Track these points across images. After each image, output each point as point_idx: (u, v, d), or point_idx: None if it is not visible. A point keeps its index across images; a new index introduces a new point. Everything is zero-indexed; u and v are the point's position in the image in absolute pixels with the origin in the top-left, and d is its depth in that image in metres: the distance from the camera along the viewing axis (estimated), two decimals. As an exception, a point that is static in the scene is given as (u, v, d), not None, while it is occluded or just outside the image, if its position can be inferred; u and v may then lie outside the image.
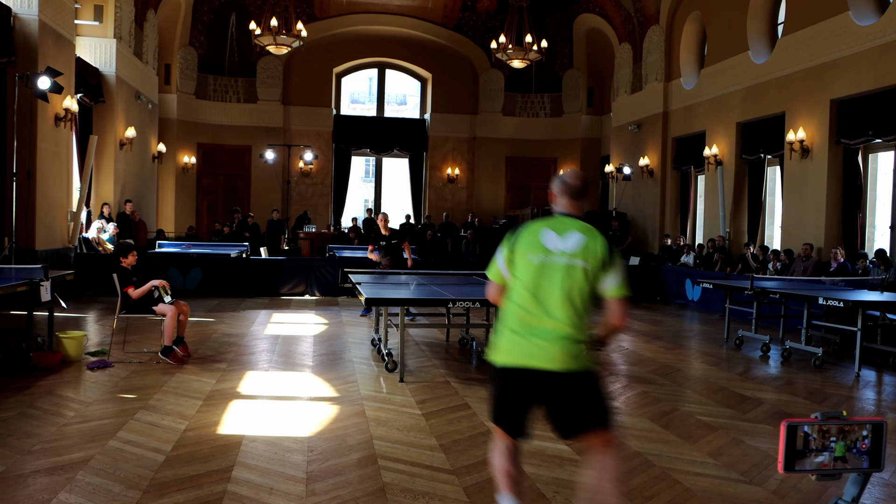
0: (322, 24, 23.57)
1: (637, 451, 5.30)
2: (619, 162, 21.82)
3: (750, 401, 6.99)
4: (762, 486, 4.65)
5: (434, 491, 4.39)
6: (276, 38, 17.89)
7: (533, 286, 3.39)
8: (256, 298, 14.31)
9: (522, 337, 3.38)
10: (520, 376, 3.40)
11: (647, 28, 20.56)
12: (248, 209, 22.55)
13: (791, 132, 14.72)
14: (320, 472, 4.68)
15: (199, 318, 11.29)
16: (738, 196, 17.05)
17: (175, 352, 8.00)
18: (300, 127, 24.50)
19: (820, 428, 2.60)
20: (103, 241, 15.38)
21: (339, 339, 9.93)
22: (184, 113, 22.86)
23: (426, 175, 25.55)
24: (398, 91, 30.01)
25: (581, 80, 24.91)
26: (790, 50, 15.03)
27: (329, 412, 6.11)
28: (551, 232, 3.47)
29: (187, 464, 4.73)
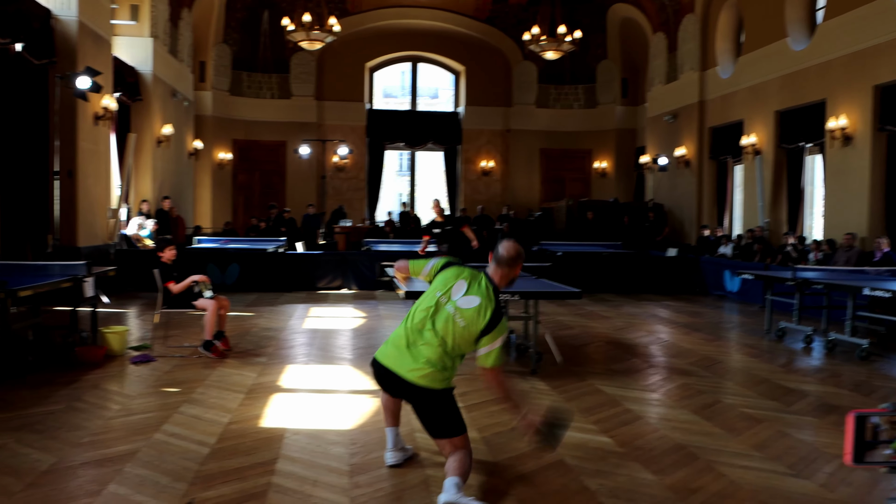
0: (354, 18, 23.63)
1: (680, 443, 5.25)
2: (655, 153, 21.63)
3: (794, 393, 6.88)
4: (810, 479, 4.58)
5: (477, 483, 4.39)
6: (308, 33, 17.97)
7: (424, 317, 4.21)
8: (294, 293, 14.40)
9: (398, 349, 4.25)
10: (389, 376, 4.28)
11: (681, 17, 20.32)
12: (283, 204, 22.68)
13: (832, 119, 14.46)
14: (363, 464, 4.69)
15: (238, 312, 11.39)
16: (776, 185, 16.81)
17: (216, 346, 8.07)
18: (334, 122, 24.60)
19: (890, 419, 2.54)
20: (142, 238, 15.58)
21: (377, 332, 9.96)
22: (219, 110, 23.07)
23: (460, 168, 25.52)
24: (431, 85, 29.99)
25: (615, 71, 24.71)
26: (831, 35, 14.75)
27: (369, 405, 6.13)
28: (465, 283, 4.22)
29: (232, 456, 4.77)
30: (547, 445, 4.15)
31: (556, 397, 6.47)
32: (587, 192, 24.86)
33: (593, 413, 5.98)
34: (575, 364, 8.04)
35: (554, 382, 7.04)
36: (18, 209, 11.74)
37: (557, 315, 11.85)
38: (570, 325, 10.92)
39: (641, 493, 4.29)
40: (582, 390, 6.78)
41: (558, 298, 11.31)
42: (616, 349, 9.07)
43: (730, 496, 4.29)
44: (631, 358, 8.51)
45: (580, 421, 5.76)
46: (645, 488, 4.38)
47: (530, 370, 7.50)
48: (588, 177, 25.56)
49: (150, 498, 4.07)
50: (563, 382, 7.05)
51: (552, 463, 4.77)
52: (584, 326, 10.79)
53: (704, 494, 4.30)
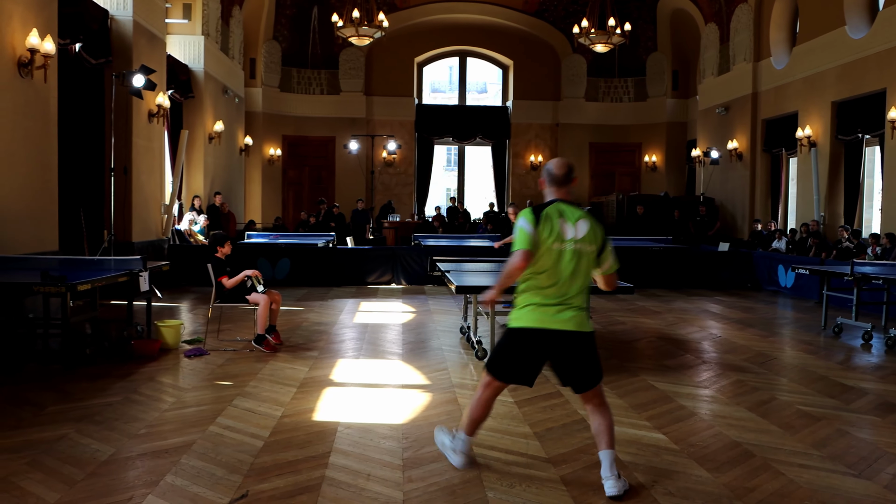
0: (402, 13, 23.67)
1: (736, 440, 5.16)
2: (707, 146, 21.29)
3: (853, 391, 6.72)
4: (872, 479, 4.46)
5: (531, 479, 4.36)
6: (357, 29, 18.03)
7: (553, 269, 4.14)
8: (343, 287, 14.51)
9: (544, 308, 4.15)
10: (538, 336, 4.17)
11: (734, 7, 19.96)
12: (332, 199, 22.85)
13: (893, 110, 14.07)
14: (416, 459, 4.70)
15: (288, 306, 11.50)
16: (833, 179, 16.42)
17: (268, 340, 8.16)
18: (383, 117, 24.69)
19: None
20: (195, 233, 15.83)
21: (427, 327, 9.98)
22: (269, 106, 23.31)
23: (509, 162, 25.44)
24: (479, 79, 29.94)
25: (665, 63, 24.37)
26: (892, 23, 14.34)
27: (421, 400, 6.14)
28: (565, 222, 4.16)
29: (285, 449, 4.82)
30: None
31: (608, 393, 6.40)
32: (637, 187, 24.57)
33: (646, 409, 5.92)
34: (627, 360, 7.96)
35: (606, 378, 6.87)
36: (76, 205, 12.01)
37: (609, 310, 11.74)
38: (622, 320, 10.81)
39: (697, 491, 4.23)
40: (634, 386, 6.71)
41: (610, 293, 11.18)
42: (668, 345, 8.96)
43: (788, 495, 4.20)
44: (683, 354, 8.40)
45: (633, 417, 5.70)
46: (700, 486, 4.31)
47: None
48: (638, 171, 25.27)
49: (205, 489, 4.13)
50: (615, 378, 6.98)
51: (605, 459, 4.71)
52: (636, 322, 10.67)
53: (762, 493, 4.23)
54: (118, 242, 12.28)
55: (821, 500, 4.15)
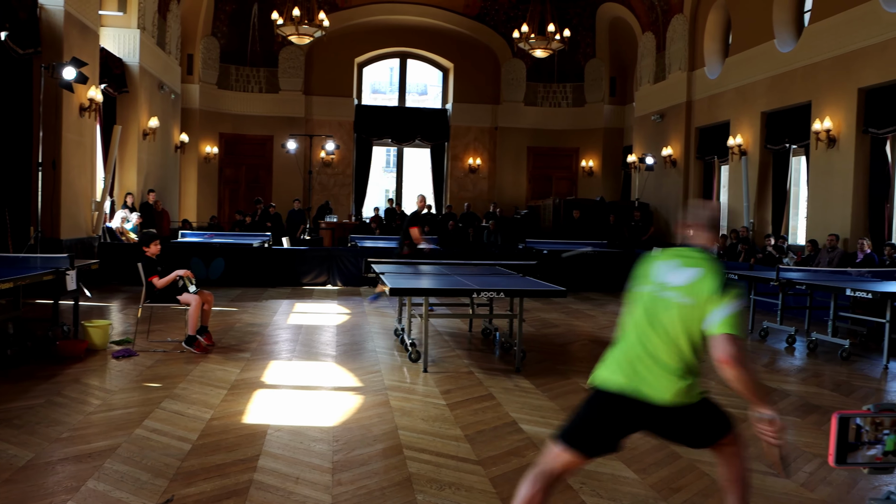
0: (344, 13, 23.55)
1: (663, 442, 5.25)
2: (642, 152, 21.67)
3: (776, 392, 6.92)
4: (790, 478, 4.60)
5: (460, 481, 4.38)
6: (298, 27, 17.89)
7: (639, 318, 3.26)
8: (279, 288, 14.35)
9: (627, 366, 3.22)
10: (624, 402, 3.22)
11: (670, 17, 20.37)
12: (269, 199, 22.59)
13: (817, 122, 14.53)
14: (346, 461, 4.68)
15: (221, 307, 11.34)
16: (762, 186, 16.88)
17: (199, 341, 8.04)
18: (322, 117, 24.52)
19: (873, 420, 2.54)
20: (127, 231, 15.49)
21: (362, 328, 9.94)
22: (206, 103, 22.94)
23: (447, 165, 25.50)
24: (419, 81, 29.96)
25: (603, 70, 24.73)
26: (817, 38, 14.82)
27: (353, 402, 6.12)
28: (668, 263, 3.30)
29: (213, 453, 4.75)
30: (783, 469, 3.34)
31: (540, 395, 6.47)
32: (574, 191, 24.88)
33: (577, 412, 5.98)
34: (559, 362, 8.05)
35: (538, 380, 7.04)
36: (0, 201, 11.64)
37: (543, 313, 11.85)
38: (555, 323, 10.93)
39: (623, 492, 4.30)
40: (565, 388, 6.78)
41: (543, 297, 11.34)
42: (601, 348, 9.02)
43: (712, 495, 4.31)
44: (615, 357, 8.51)
45: (564, 419, 5.75)
46: (627, 487, 4.39)
47: (514, 368, 7.49)
48: (575, 175, 25.58)
49: (129, 494, 4.04)
50: (546, 380, 7.05)
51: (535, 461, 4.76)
52: (569, 325, 10.80)
53: (687, 493, 4.32)
54: (45, 239, 11.94)
55: (742, 500, 4.25)
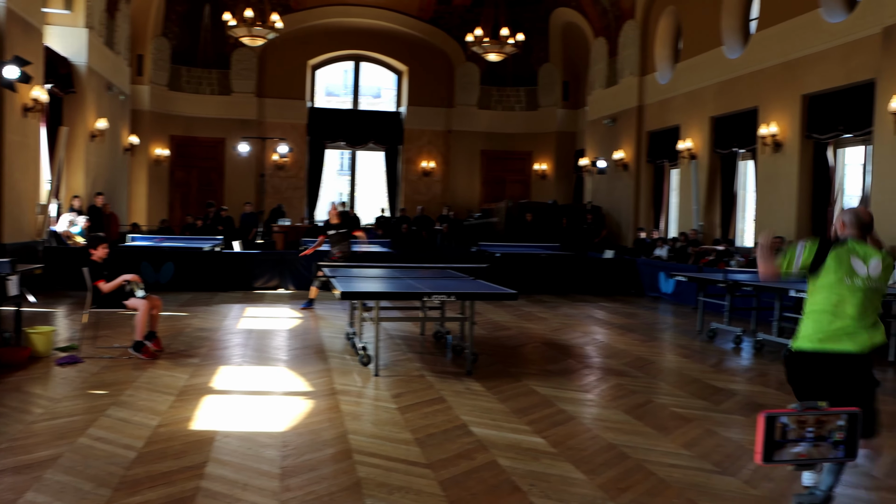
0: (297, 15, 23.40)
1: (612, 443, 5.32)
2: (594, 156, 21.89)
3: (723, 392, 7.04)
4: (735, 476, 4.69)
5: (410, 485, 4.38)
6: (250, 29, 17.74)
7: (839, 301, 4.08)
8: (230, 292, 14.19)
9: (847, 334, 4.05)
10: (838, 363, 4.05)
11: (622, 23, 20.62)
12: (221, 202, 22.34)
13: (763, 127, 14.84)
14: (295, 467, 4.64)
15: (171, 312, 11.18)
16: (711, 190, 17.18)
17: (147, 347, 7.90)
18: (275, 119, 24.33)
19: (798, 418, 2.61)
20: (73, 235, 15.17)
21: (314, 333, 9.88)
22: (157, 105, 22.60)
23: (401, 168, 25.48)
24: (373, 84, 29.88)
25: (557, 74, 24.95)
26: (763, 45, 15.15)
27: (303, 407, 6.08)
28: (857, 258, 4.12)
29: (160, 460, 4.68)
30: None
31: (490, 398, 6.50)
32: (527, 194, 25.02)
33: (527, 414, 6.02)
34: (511, 365, 8.09)
35: (489, 383, 7.07)
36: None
37: (495, 316, 11.91)
38: (507, 325, 10.99)
39: (572, 493, 4.34)
40: (516, 391, 6.81)
41: (494, 299, 11.38)
42: (552, 350, 9.16)
43: (659, 494, 4.37)
44: (566, 359, 8.60)
45: (514, 422, 5.79)
46: (576, 488, 4.42)
47: (465, 371, 7.51)
48: (528, 178, 25.75)
49: None
50: (498, 383, 7.08)
51: (485, 464, 4.78)
52: (521, 327, 10.86)
53: (634, 493, 4.37)
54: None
55: (688, 497, 4.33)
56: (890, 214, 11.72)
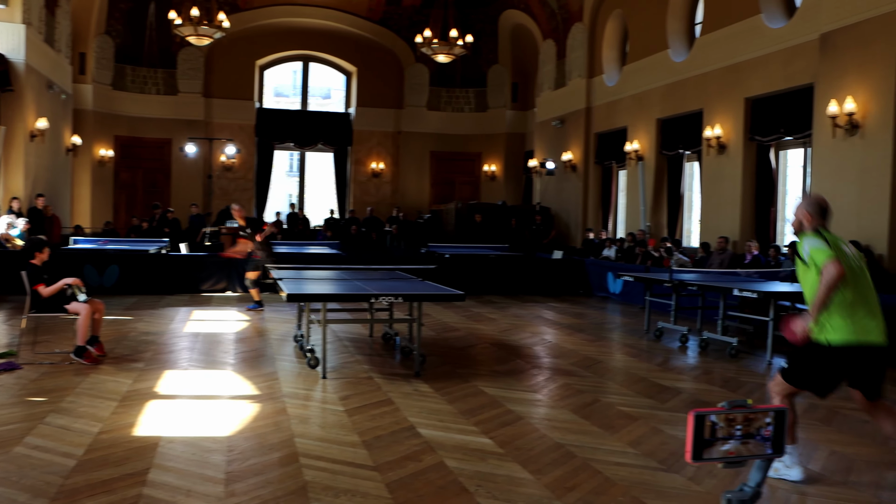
0: (245, 15, 23.15)
1: (559, 442, 5.36)
2: (543, 157, 22.04)
3: (669, 390, 7.14)
4: (679, 473, 4.75)
5: (356, 488, 4.35)
6: (196, 28, 17.49)
7: (856, 284, 4.39)
8: (176, 295, 13.97)
9: (868, 319, 4.36)
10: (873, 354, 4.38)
11: (570, 25, 20.81)
12: (168, 204, 22.01)
13: (708, 129, 15.11)
14: (240, 471, 4.58)
15: (116, 316, 10.97)
16: (658, 191, 17.42)
17: (89, 352, 7.73)
18: (222, 120, 24.04)
19: (726, 417, 2.66)
20: (12, 238, 14.78)
21: (262, 335, 9.78)
22: (100, 104, 22.15)
23: (350, 169, 25.37)
24: (323, 84, 29.67)
25: (506, 76, 25.07)
26: (707, 49, 15.42)
27: (250, 411, 6.00)
28: (842, 244, 4.49)
29: (100, 468, 4.57)
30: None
31: (439, 399, 6.50)
32: (476, 195, 25.11)
33: (475, 415, 6.03)
34: (459, 366, 8.10)
35: (437, 384, 7.07)
36: None
37: (444, 317, 11.92)
38: (457, 327, 11.00)
39: (519, 493, 4.36)
40: (464, 392, 6.82)
41: (442, 300, 11.38)
42: (500, 351, 9.19)
43: (604, 492, 4.41)
44: (515, 359, 8.64)
45: (462, 423, 5.80)
46: (522, 488, 4.44)
47: (414, 373, 7.50)
48: (477, 180, 25.84)
49: (7, 514, 3.86)
50: (446, 384, 7.08)
51: (432, 465, 4.78)
52: (470, 328, 10.89)
53: (580, 492, 4.40)
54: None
55: (634, 495, 4.38)
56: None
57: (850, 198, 11.64)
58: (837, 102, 11.70)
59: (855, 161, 11.61)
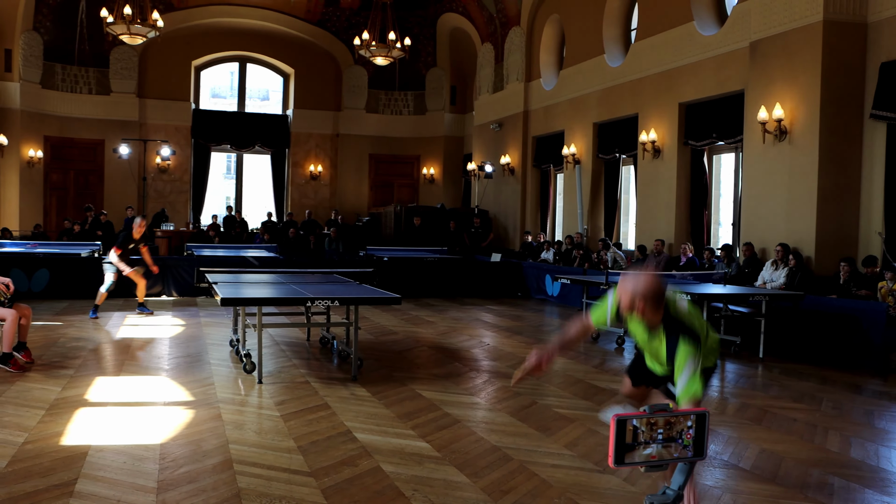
0: (180, 14, 22.75)
1: (496, 445, 5.38)
2: (481, 160, 22.16)
3: (605, 392, 7.24)
4: (615, 474, 4.81)
5: (291, 494, 4.31)
6: (129, 27, 17.10)
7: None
8: (109, 300, 13.60)
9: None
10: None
11: (508, 29, 20.97)
12: (101, 206, 21.49)
13: (644, 133, 15.37)
14: (173, 479, 4.49)
15: (44, 321, 10.67)
16: (595, 194, 17.66)
17: (16, 358, 7.49)
18: (157, 121, 23.58)
19: (648, 421, 2.70)
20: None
21: (197, 340, 9.62)
22: (28, 103, 21.49)
23: (288, 172, 25.14)
24: (260, 86, 29.38)
25: (444, 79, 25.14)
26: (642, 55, 15.70)
27: (184, 417, 5.89)
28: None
29: (24, 479, 4.43)
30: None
31: (376, 403, 6.48)
32: (415, 198, 25.12)
33: (412, 418, 6.03)
34: (397, 369, 8.08)
35: (374, 388, 7.04)
36: None
37: (382, 321, 11.88)
38: (394, 330, 10.98)
39: (455, 497, 4.36)
40: (402, 395, 6.81)
41: (379, 304, 11.37)
42: (439, 354, 9.20)
43: (541, 495, 4.44)
44: (453, 362, 8.66)
45: (399, 427, 5.79)
46: (459, 491, 4.45)
47: (351, 377, 7.46)
48: (416, 183, 25.85)
49: (-75, 529, 3.72)
50: (383, 388, 7.06)
51: (369, 470, 4.76)
52: (408, 332, 10.87)
53: (516, 494, 4.43)
54: None
55: (570, 496, 4.42)
56: (759, 218, 12.37)
57: (779, 201, 11.98)
58: (767, 109, 12.02)
59: (784, 165, 11.94)
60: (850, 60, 11.35)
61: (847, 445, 5.66)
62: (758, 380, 8.21)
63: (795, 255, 11.12)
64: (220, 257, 14.67)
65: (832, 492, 4.66)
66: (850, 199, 11.44)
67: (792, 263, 11.07)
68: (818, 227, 11.39)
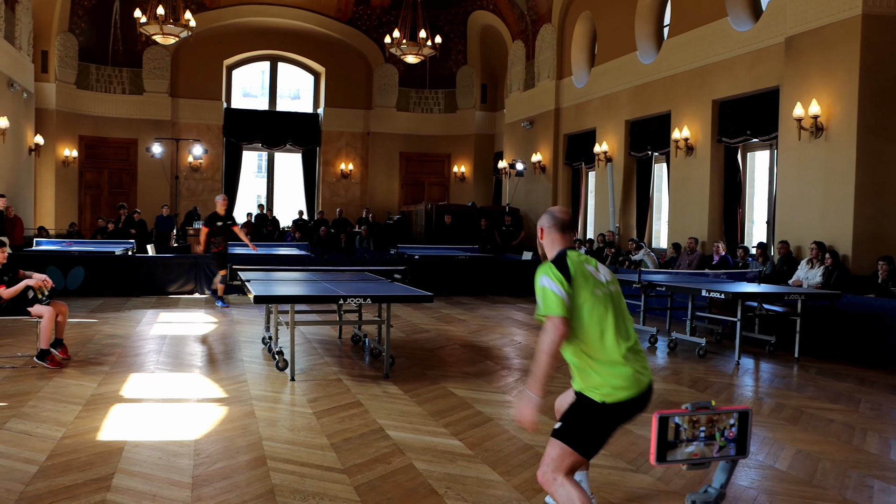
0: (212, 14, 22.93)
1: (528, 443, 5.35)
2: (512, 158, 22.09)
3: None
4: (648, 473, 4.77)
5: (324, 491, 4.31)
6: (162, 27, 17.26)
7: (607, 318, 3.45)
8: (143, 298, 13.80)
9: (628, 366, 3.39)
10: (633, 405, 3.37)
11: (539, 26, 20.88)
12: (134, 205, 21.75)
13: (676, 130, 15.22)
14: (207, 475, 4.52)
15: (80, 318, 10.81)
16: (626, 192, 17.53)
17: (53, 355, 7.60)
18: (189, 120, 23.80)
19: (690, 418, 2.66)
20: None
21: (230, 338, 9.68)
22: (64, 103, 21.80)
23: (319, 170, 25.24)
24: (291, 85, 29.50)
25: (475, 77, 25.09)
26: (675, 51, 15.54)
27: (218, 414, 5.93)
28: (590, 266, 3.51)
29: (63, 473, 4.49)
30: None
31: (408, 401, 6.47)
32: (446, 196, 25.11)
33: (444, 416, 6.02)
34: (428, 367, 8.07)
35: (406, 386, 7.04)
36: None
37: (413, 319, 11.88)
38: (426, 328, 10.97)
39: (488, 495, 4.34)
40: (434, 393, 6.80)
41: (411, 302, 11.37)
42: (470, 352, 9.18)
43: (573, 494, 4.40)
44: (484, 360, 8.63)
45: (431, 424, 5.78)
46: (492, 490, 4.43)
47: (383, 374, 7.46)
48: (447, 181, 25.84)
49: (-35, 522, 3.77)
50: (415, 386, 7.06)
51: (401, 468, 4.75)
52: (440, 330, 10.87)
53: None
54: None
55: (603, 495, 4.38)
56: (794, 216, 12.19)
57: (815, 199, 11.80)
58: (802, 105, 11.84)
59: (820, 163, 11.76)
60: (889, 55, 11.16)
61: (887, 447, 5.56)
62: (793, 380, 8.09)
63: (832, 254, 10.95)
64: (252, 255, 14.73)
65: (871, 494, 4.57)
66: (889, 197, 11.24)
67: (828, 262, 10.90)
68: (855, 225, 11.21)
